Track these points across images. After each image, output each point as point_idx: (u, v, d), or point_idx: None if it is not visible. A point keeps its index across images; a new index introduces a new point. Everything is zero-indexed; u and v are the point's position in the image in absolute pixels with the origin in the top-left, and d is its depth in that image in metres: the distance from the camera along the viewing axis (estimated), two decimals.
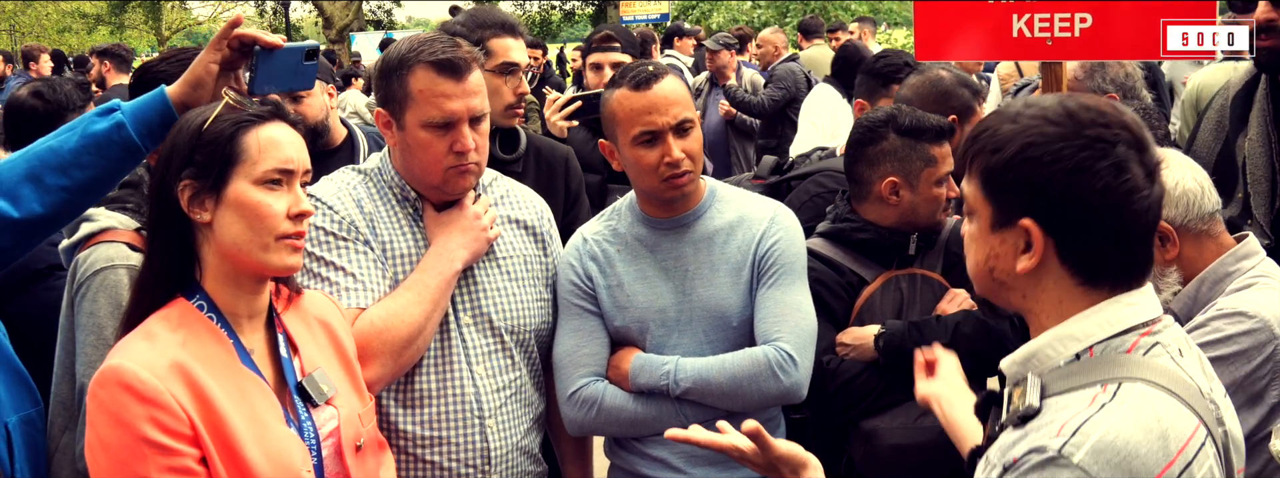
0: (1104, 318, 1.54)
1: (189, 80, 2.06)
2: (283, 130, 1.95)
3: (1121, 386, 1.47)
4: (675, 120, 2.49)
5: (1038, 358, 1.57)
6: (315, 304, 2.18)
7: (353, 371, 2.16)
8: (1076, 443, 1.41)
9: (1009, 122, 1.55)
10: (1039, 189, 1.51)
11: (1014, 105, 1.58)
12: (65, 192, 2.00)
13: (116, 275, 2.33)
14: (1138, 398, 1.45)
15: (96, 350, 2.29)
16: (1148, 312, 1.56)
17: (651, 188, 2.54)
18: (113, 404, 1.78)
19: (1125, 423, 1.42)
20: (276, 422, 1.91)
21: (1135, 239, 1.54)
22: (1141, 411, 1.44)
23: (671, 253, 2.61)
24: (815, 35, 10.44)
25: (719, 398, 2.52)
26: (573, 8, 31.94)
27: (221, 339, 1.91)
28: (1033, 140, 1.51)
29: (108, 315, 2.31)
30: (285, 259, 1.94)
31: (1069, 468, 1.40)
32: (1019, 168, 1.51)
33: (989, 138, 1.55)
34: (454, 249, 2.42)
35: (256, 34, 2.08)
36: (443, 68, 2.34)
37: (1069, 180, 1.49)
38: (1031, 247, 1.54)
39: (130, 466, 1.77)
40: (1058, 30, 3.02)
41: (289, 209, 1.92)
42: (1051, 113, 1.52)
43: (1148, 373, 1.49)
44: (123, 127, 2.01)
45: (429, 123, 2.35)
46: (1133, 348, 1.52)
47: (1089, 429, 1.41)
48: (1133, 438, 1.41)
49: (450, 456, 2.44)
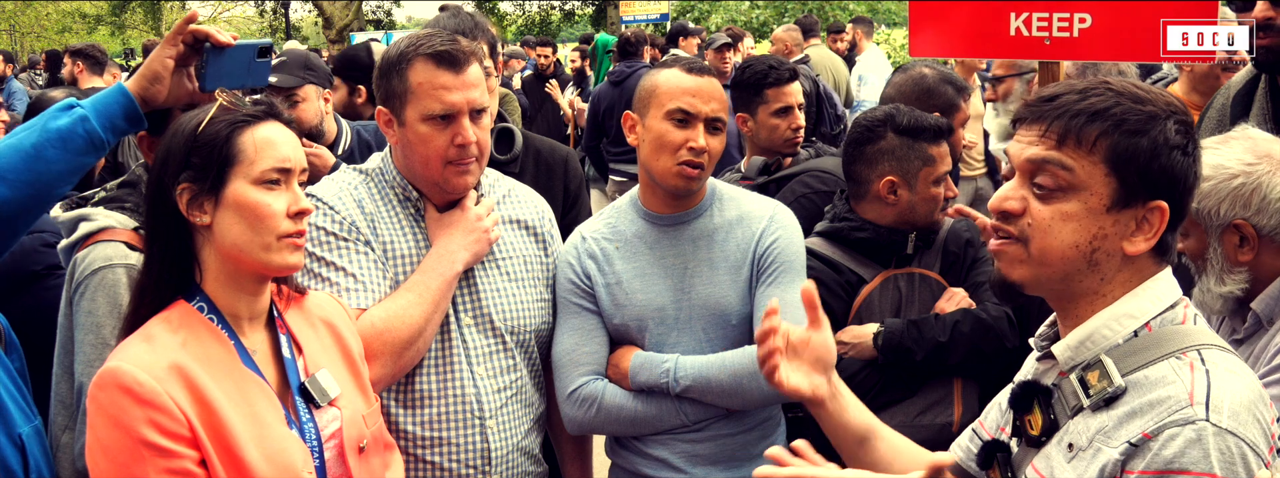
0: (1154, 294, 1.60)
1: (146, 74, 2.10)
2: (278, 130, 1.95)
3: (1202, 353, 1.55)
4: (712, 115, 2.52)
5: (1093, 340, 1.61)
6: (320, 305, 2.17)
7: (358, 372, 2.16)
8: (1216, 408, 1.47)
9: (1136, 101, 1.57)
10: (1180, 177, 1.57)
11: (1115, 85, 1.60)
12: (29, 187, 2.02)
13: (114, 275, 2.33)
14: (1225, 361, 1.55)
15: (95, 350, 2.30)
16: (1175, 284, 1.64)
17: (663, 168, 2.54)
18: (112, 406, 1.78)
19: (1238, 384, 1.51)
20: (277, 423, 1.90)
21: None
22: (1238, 371, 1.54)
23: (671, 250, 2.61)
24: (812, 34, 10.42)
25: (719, 396, 2.52)
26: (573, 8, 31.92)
27: (222, 341, 1.91)
28: (1177, 127, 1.57)
29: (106, 314, 2.31)
30: (287, 258, 1.93)
31: (1222, 434, 1.46)
32: (1169, 154, 1.56)
33: (1123, 115, 1.56)
34: (455, 250, 2.42)
35: (209, 30, 2.13)
36: (441, 60, 2.35)
37: (1196, 170, 1.59)
38: (1152, 229, 1.59)
39: (129, 468, 1.77)
40: (1056, 30, 3.01)
41: (289, 208, 1.92)
42: (1165, 103, 1.58)
43: (1211, 339, 1.58)
44: (86, 120, 2.03)
45: (429, 115, 2.35)
46: (1185, 319, 1.60)
47: (1219, 395, 1.49)
48: (1249, 395, 1.51)
49: (451, 456, 2.44)
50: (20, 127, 2.09)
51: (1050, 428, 1.63)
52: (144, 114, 2.18)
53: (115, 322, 2.29)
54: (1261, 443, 1.48)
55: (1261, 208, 2.23)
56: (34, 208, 2.07)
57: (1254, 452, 1.46)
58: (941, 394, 2.73)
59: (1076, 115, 1.57)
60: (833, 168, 3.35)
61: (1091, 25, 2.98)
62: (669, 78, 2.55)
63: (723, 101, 2.56)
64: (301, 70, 3.76)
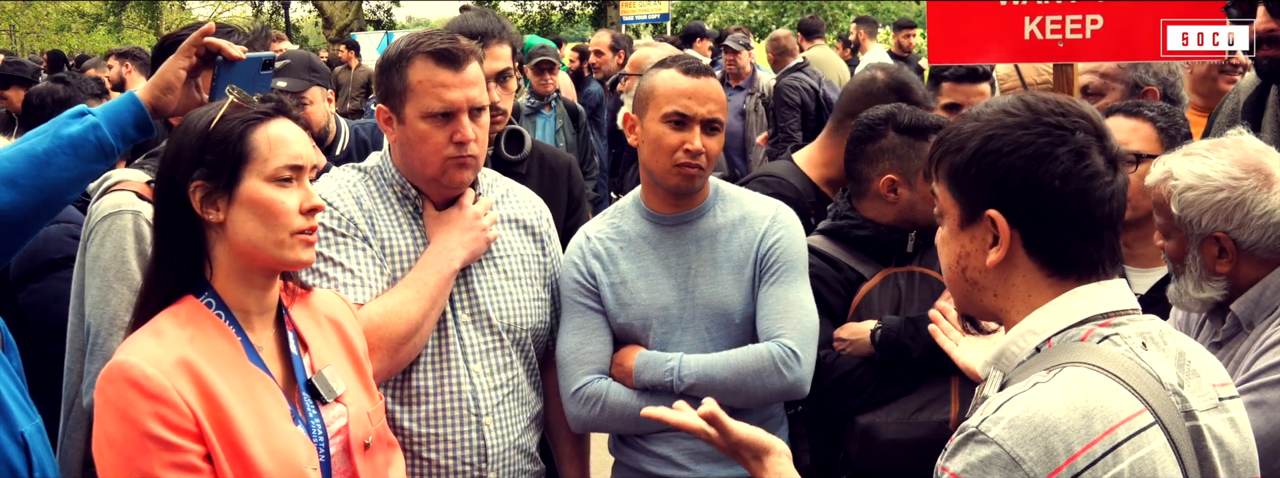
0: (1061, 310, 1.55)
1: (158, 84, 2.13)
2: (289, 127, 1.96)
3: (1063, 369, 1.47)
4: (708, 115, 2.53)
5: (1005, 356, 1.60)
6: (326, 302, 2.18)
7: (362, 369, 2.17)
8: (995, 419, 1.43)
9: (971, 120, 1.58)
10: (1001, 179, 1.53)
11: (975, 107, 1.62)
12: (39, 192, 2.03)
13: (123, 220, 2.40)
14: (1070, 379, 1.46)
15: (101, 292, 2.37)
16: (1108, 303, 1.56)
17: (662, 170, 2.55)
18: (118, 400, 1.79)
19: (1048, 400, 1.43)
20: (283, 419, 1.91)
21: (1099, 228, 1.55)
22: (1070, 390, 1.44)
23: (674, 250, 2.62)
24: (816, 35, 10.43)
25: (723, 394, 2.52)
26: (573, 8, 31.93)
27: (230, 337, 1.92)
28: (993, 133, 1.54)
29: (111, 257, 2.37)
30: (300, 254, 1.95)
31: (986, 443, 1.41)
32: (981, 161, 1.54)
33: (952, 138, 1.59)
34: (453, 248, 2.43)
35: (222, 44, 2.16)
36: (441, 58, 2.36)
37: (1029, 167, 1.51)
38: (998, 239, 1.56)
39: (135, 461, 1.78)
40: (1069, 32, 3.03)
41: (301, 205, 1.94)
42: (1010, 106, 1.56)
43: (1091, 358, 1.49)
44: (98, 127, 2.06)
45: (428, 113, 2.36)
46: (1086, 337, 1.53)
47: (1010, 406, 1.43)
48: (1052, 414, 1.41)
49: (447, 453, 2.45)
50: (32, 132, 2.11)
51: None
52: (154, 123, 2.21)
53: (118, 266, 2.37)
54: (1028, 458, 1.39)
55: (1243, 223, 2.22)
56: (43, 213, 2.09)
57: (1007, 468, 1.39)
58: (939, 392, 2.74)
59: (932, 147, 1.64)
60: (782, 172, 3.35)
61: (1103, 26, 3.01)
62: (666, 80, 2.56)
63: (720, 102, 2.56)
64: (307, 73, 3.77)
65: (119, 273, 2.37)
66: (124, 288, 2.36)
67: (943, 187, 1.62)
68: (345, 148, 3.95)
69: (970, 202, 1.58)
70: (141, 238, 2.39)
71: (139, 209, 2.42)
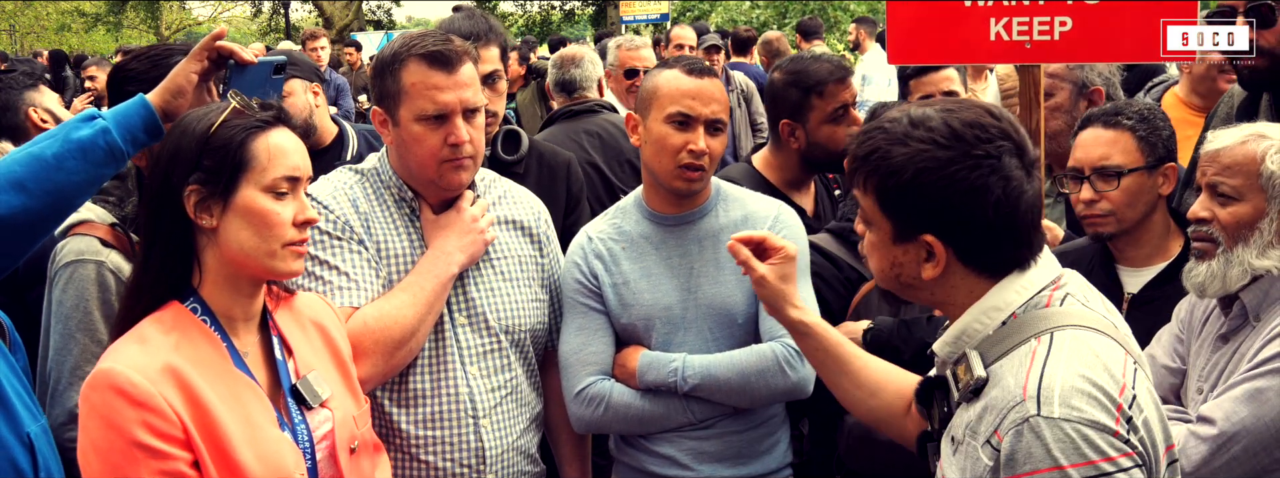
0: (1018, 286, 1.67)
1: (169, 88, 2.11)
2: (288, 137, 1.96)
3: (1053, 334, 1.59)
4: (712, 116, 2.53)
5: (967, 334, 1.68)
6: (309, 306, 2.17)
7: (348, 373, 2.16)
8: (1046, 399, 1.50)
9: (899, 143, 1.63)
10: (937, 210, 1.62)
11: (899, 123, 1.66)
12: (49, 196, 2.02)
13: (85, 270, 2.37)
14: (1072, 340, 1.58)
15: (63, 340, 2.34)
16: (1050, 272, 1.69)
17: (664, 171, 2.55)
18: (104, 408, 1.77)
19: (1073, 364, 1.54)
20: (269, 425, 1.90)
21: (1028, 231, 1.66)
22: (1080, 350, 1.56)
23: (677, 250, 2.62)
24: (814, 36, 10.43)
25: (727, 394, 2.52)
26: (573, 8, 31.94)
27: (215, 343, 1.91)
28: (926, 165, 1.61)
29: (72, 308, 2.35)
30: (290, 265, 1.95)
31: (1054, 423, 1.49)
32: (916, 191, 1.61)
33: (881, 160, 1.64)
34: (452, 252, 2.42)
35: (234, 48, 2.15)
36: (434, 60, 2.35)
37: (965, 200, 1.60)
38: (934, 257, 1.65)
39: (122, 469, 1.76)
40: (1037, 33, 3.01)
41: (295, 217, 1.94)
42: (939, 135, 1.61)
43: (1071, 319, 1.62)
44: (108, 132, 2.04)
45: (422, 115, 2.35)
46: (1049, 302, 1.65)
47: (1049, 382, 1.52)
48: (1086, 374, 1.53)
49: (445, 455, 2.44)
50: (41, 135, 2.10)
51: (944, 422, 1.71)
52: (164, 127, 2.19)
53: (81, 316, 2.34)
54: (1102, 416, 1.49)
55: None
56: (52, 217, 2.08)
57: (1096, 428, 1.49)
58: None
59: (854, 158, 1.69)
60: (739, 175, 3.33)
61: (1072, 28, 2.98)
62: (670, 80, 2.56)
63: (723, 102, 2.56)
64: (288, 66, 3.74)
65: (81, 323, 2.35)
66: (87, 339, 2.33)
67: (871, 201, 1.68)
68: (355, 154, 3.92)
69: (904, 223, 1.66)
70: (105, 288, 2.36)
71: (103, 258, 2.38)
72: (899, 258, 1.69)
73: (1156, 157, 2.69)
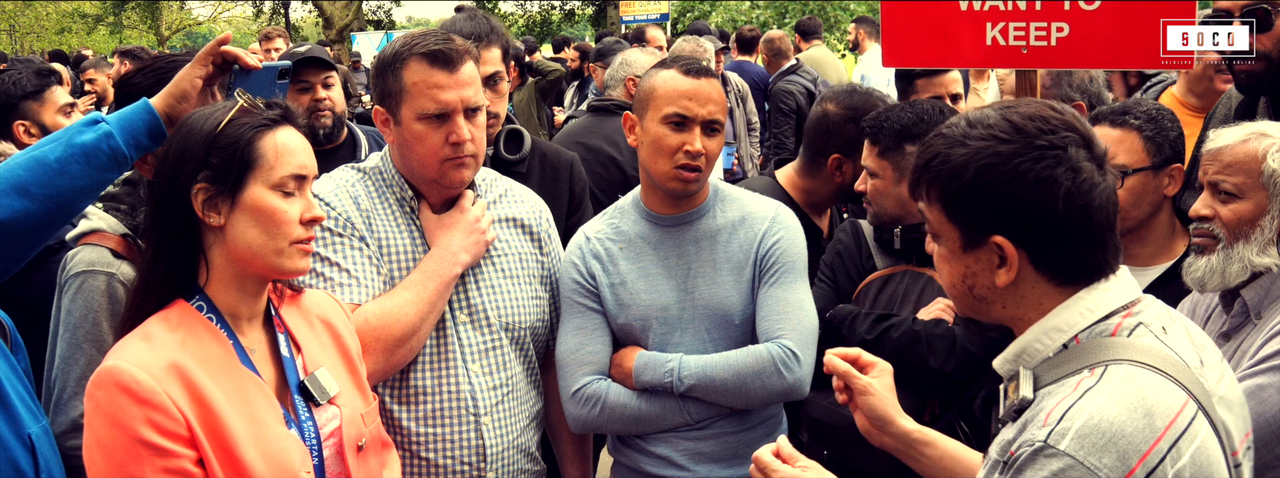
0: (1085, 306, 1.58)
1: (174, 92, 2.11)
2: (294, 136, 1.96)
3: (1108, 368, 1.50)
4: (708, 117, 2.53)
5: (1027, 353, 1.61)
6: (318, 303, 2.18)
7: (356, 370, 2.16)
8: (1062, 431, 1.43)
9: (958, 145, 1.58)
10: (1004, 207, 1.55)
11: (957, 126, 1.61)
12: (52, 201, 2.02)
13: (95, 281, 2.38)
14: (1121, 378, 1.48)
15: (69, 349, 2.35)
16: (1125, 295, 1.60)
17: (661, 172, 2.55)
18: (109, 405, 1.77)
19: (1109, 404, 1.44)
20: (275, 423, 1.90)
21: (1102, 231, 1.58)
22: (1126, 390, 1.46)
23: (674, 251, 2.62)
24: (814, 36, 10.42)
25: (723, 395, 2.53)
26: (573, 8, 31.93)
27: (221, 340, 1.91)
28: (988, 161, 1.55)
29: (81, 319, 2.36)
30: (297, 263, 1.95)
31: (1058, 457, 1.42)
32: (981, 189, 1.55)
33: (941, 163, 1.59)
34: (456, 252, 2.43)
35: (239, 53, 2.15)
36: (435, 59, 2.36)
37: (1032, 194, 1.53)
38: (1006, 261, 1.58)
39: (126, 467, 1.77)
40: (1033, 39, 3.00)
41: (302, 215, 1.94)
42: (999, 130, 1.56)
43: (1132, 353, 1.51)
44: (111, 136, 2.04)
45: (424, 114, 2.36)
46: (1116, 330, 1.56)
47: (1073, 414, 1.44)
48: (1117, 418, 1.43)
49: (446, 453, 2.44)
50: (45, 139, 2.10)
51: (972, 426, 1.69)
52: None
53: (89, 326, 2.35)
54: (1109, 465, 1.41)
55: None
56: (55, 221, 2.08)
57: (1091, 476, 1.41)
58: None
59: (915, 170, 1.64)
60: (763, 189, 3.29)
61: (1069, 34, 2.97)
62: (667, 81, 2.56)
63: (721, 103, 2.56)
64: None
65: (89, 334, 2.36)
66: (94, 350, 2.34)
67: (937, 211, 1.63)
68: (365, 155, 3.93)
69: (971, 227, 1.59)
70: (115, 300, 2.37)
71: (113, 270, 2.39)
72: (971, 267, 1.62)
73: (1163, 157, 2.68)
